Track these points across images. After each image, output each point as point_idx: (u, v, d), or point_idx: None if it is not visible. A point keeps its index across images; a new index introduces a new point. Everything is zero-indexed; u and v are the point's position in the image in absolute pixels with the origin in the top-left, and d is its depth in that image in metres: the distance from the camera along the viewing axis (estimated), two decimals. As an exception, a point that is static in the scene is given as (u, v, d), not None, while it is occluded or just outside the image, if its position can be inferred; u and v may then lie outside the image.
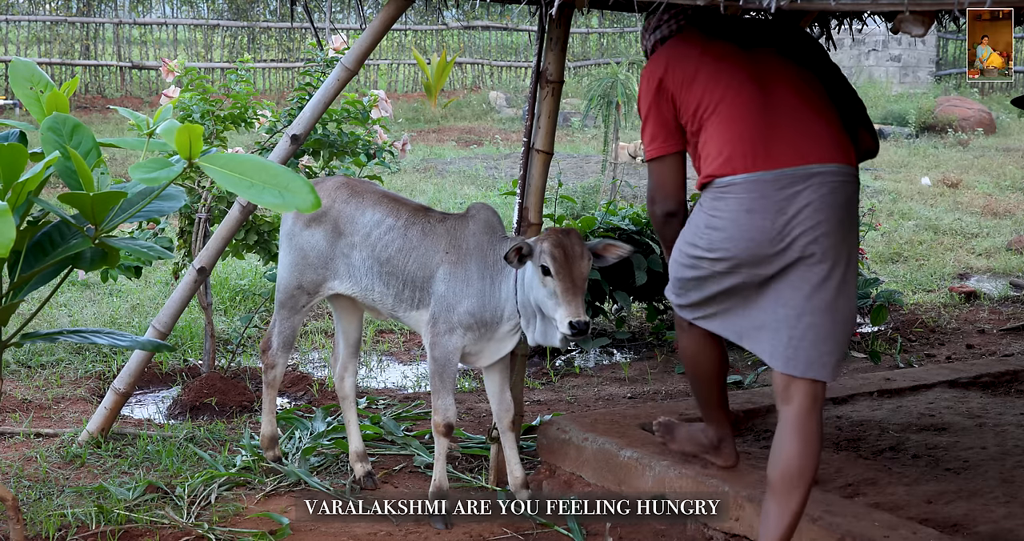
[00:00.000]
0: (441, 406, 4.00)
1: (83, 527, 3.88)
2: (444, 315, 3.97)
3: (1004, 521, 3.60)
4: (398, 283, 4.10)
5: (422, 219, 4.13)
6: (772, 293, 3.28)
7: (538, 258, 3.71)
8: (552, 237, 3.71)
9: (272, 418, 4.48)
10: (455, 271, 3.98)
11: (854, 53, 20.65)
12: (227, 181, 2.65)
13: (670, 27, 3.60)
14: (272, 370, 4.44)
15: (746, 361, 6.27)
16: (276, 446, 4.48)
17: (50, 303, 6.93)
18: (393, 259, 4.10)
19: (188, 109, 5.54)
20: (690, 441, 3.95)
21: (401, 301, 4.12)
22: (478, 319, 3.94)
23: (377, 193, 4.27)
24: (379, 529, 3.94)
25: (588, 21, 21.80)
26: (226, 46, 20.28)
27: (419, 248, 4.07)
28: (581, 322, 3.61)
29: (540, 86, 4.44)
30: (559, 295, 3.65)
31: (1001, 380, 5.29)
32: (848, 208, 3.29)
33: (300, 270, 4.29)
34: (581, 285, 3.68)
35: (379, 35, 4.58)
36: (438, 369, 3.99)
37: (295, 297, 4.33)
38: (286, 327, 4.39)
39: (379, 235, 4.14)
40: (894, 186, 12.34)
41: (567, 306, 3.64)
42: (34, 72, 2.96)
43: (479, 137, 16.35)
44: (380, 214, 4.17)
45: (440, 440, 4.02)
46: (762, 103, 3.32)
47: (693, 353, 3.67)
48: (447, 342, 3.97)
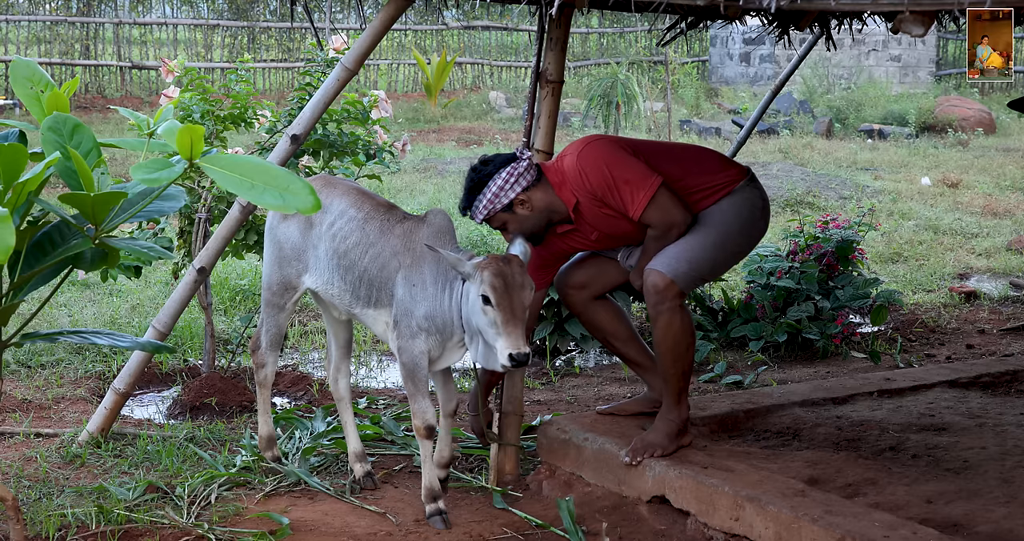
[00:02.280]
0: (419, 410, 3.96)
1: (83, 527, 3.88)
2: (405, 319, 3.93)
3: (1004, 521, 3.60)
4: (355, 279, 4.07)
5: (382, 215, 4.08)
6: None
7: (477, 287, 3.66)
8: (493, 266, 3.66)
9: (268, 418, 4.45)
10: (410, 275, 3.93)
11: (854, 53, 20.65)
12: (228, 182, 2.65)
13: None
14: (262, 369, 4.44)
15: (746, 361, 6.27)
16: (275, 446, 4.47)
17: (50, 303, 6.93)
18: (350, 253, 4.07)
19: (188, 109, 5.54)
20: (667, 438, 4.06)
21: (358, 298, 4.09)
22: (435, 325, 3.89)
23: (348, 186, 4.26)
24: (379, 529, 3.94)
25: (588, 21, 21.81)
26: (226, 46, 20.29)
27: (376, 245, 4.03)
28: (521, 354, 3.58)
29: (540, 86, 4.44)
30: (499, 325, 3.61)
31: (1001, 380, 5.28)
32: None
33: (279, 264, 4.29)
34: (522, 315, 3.64)
35: (379, 35, 4.58)
36: (408, 374, 3.96)
37: (277, 294, 4.32)
38: (272, 325, 4.38)
39: (340, 226, 4.11)
40: (894, 186, 12.34)
41: (507, 337, 3.59)
42: (35, 72, 2.96)
43: (479, 137, 16.35)
44: (344, 205, 4.14)
45: (423, 443, 4.00)
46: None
47: (690, 325, 4.06)
48: (412, 346, 3.92)
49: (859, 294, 6.50)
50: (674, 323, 4.03)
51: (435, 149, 15.11)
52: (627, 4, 3.81)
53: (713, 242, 4.07)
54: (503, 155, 4.15)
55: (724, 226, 4.10)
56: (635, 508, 4.02)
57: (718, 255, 4.11)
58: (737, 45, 21.56)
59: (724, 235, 4.10)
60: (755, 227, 4.21)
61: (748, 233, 4.20)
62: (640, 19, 19.22)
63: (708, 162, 4.22)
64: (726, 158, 4.31)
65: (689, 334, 4.07)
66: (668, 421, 4.09)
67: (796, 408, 4.80)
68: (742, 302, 6.59)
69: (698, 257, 4.05)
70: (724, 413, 4.64)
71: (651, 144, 4.29)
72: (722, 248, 4.11)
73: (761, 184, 4.30)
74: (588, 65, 21.53)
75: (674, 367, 4.07)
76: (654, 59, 21.67)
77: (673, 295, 4.01)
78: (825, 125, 16.67)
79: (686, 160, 4.19)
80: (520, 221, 4.13)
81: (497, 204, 4.08)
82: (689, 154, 4.27)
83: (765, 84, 20.15)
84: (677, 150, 4.35)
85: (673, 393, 4.10)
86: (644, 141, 4.35)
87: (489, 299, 3.62)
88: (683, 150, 4.36)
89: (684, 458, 3.99)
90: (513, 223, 4.14)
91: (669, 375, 4.09)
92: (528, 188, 4.09)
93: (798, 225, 7.02)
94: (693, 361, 4.15)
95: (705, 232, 4.09)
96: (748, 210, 4.16)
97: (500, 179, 4.07)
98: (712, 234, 4.08)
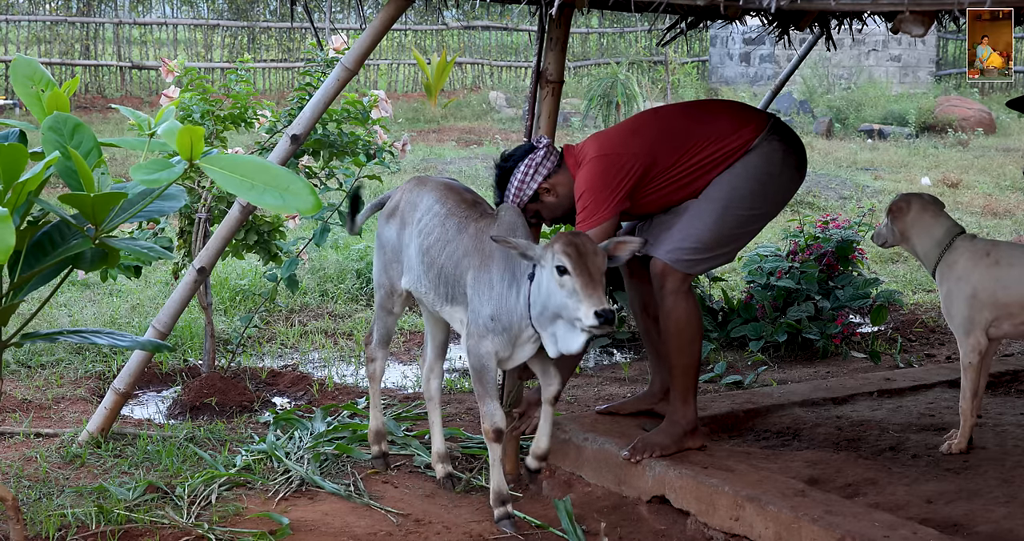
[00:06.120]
0: (487, 412, 3.93)
1: (83, 527, 3.88)
2: (474, 319, 3.93)
3: (1004, 521, 3.60)
4: (435, 275, 4.09)
5: (463, 212, 4.09)
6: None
7: (551, 261, 3.63)
8: (563, 239, 3.65)
9: (378, 412, 4.48)
10: (479, 276, 3.93)
11: (854, 53, 20.66)
12: (228, 182, 2.65)
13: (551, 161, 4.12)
14: (372, 363, 4.52)
15: (746, 361, 6.27)
16: (382, 441, 4.47)
17: (50, 303, 6.93)
18: (432, 249, 4.09)
19: (188, 109, 5.53)
20: (670, 439, 4.04)
21: (439, 295, 4.10)
22: (502, 324, 3.86)
23: (438, 182, 4.29)
24: (379, 529, 3.94)
25: (588, 21, 21.80)
26: (226, 46, 20.28)
27: (452, 242, 4.04)
28: (607, 310, 3.52)
29: (540, 86, 4.44)
30: (579, 290, 3.56)
31: (1001, 380, 5.29)
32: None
33: (383, 266, 4.37)
34: (599, 278, 3.61)
35: (379, 35, 4.58)
36: (476, 375, 3.95)
37: (385, 296, 4.39)
38: (381, 325, 4.48)
39: (426, 222, 4.14)
40: (894, 186, 12.34)
41: (589, 299, 3.54)
42: (35, 70, 2.95)
43: (479, 137, 16.34)
44: (431, 200, 4.18)
45: (492, 446, 3.96)
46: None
47: (696, 312, 4.02)
48: (479, 348, 3.91)
49: (859, 294, 6.50)
50: (678, 308, 4.01)
51: (435, 149, 15.10)
52: (627, 4, 3.81)
53: (715, 218, 4.02)
54: (522, 147, 4.19)
55: (724, 200, 4.02)
56: (635, 508, 4.02)
57: (722, 229, 4.03)
58: (737, 45, 21.56)
59: (724, 208, 4.02)
60: (776, 182, 4.09)
61: (764, 193, 4.08)
62: (640, 19, 19.21)
63: (721, 124, 4.09)
64: (743, 114, 4.17)
65: (694, 325, 4.02)
66: (673, 422, 4.07)
67: (796, 408, 4.80)
68: (742, 302, 6.59)
69: (697, 236, 4.02)
70: (724, 413, 4.65)
71: (662, 119, 4.18)
72: (722, 221, 4.02)
73: (787, 129, 4.16)
74: (588, 65, 21.52)
75: (678, 358, 4.04)
76: (654, 59, 21.67)
77: (674, 280, 4.00)
78: (825, 125, 16.67)
79: (695, 133, 4.07)
80: (551, 209, 4.18)
81: (523, 197, 4.12)
82: (701, 123, 4.13)
83: (765, 84, 20.14)
84: (689, 120, 4.19)
85: (679, 391, 4.07)
86: (655, 116, 4.23)
87: (565, 268, 3.58)
88: (696, 119, 4.19)
89: (684, 458, 3.99)
90: (545, 211, 4.19)
91: (674, 369, 4.07)
92: (550, 176, 4.12)
93: (798, 225, 7.03)
94: (700, 356, 4.10)
95: (704, 209, 4.04)
96: (764, 169, 4.04)
97: (520, 172, 4.11)
98: (710, 210, 4.03)
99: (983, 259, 4.20)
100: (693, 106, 4.45)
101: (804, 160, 4.21)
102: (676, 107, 4.35)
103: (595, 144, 4.13)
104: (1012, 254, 4.19)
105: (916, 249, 4.41)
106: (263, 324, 6.80)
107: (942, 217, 4.39)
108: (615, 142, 4.11)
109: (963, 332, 4.21)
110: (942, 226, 4.35)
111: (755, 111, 4.24)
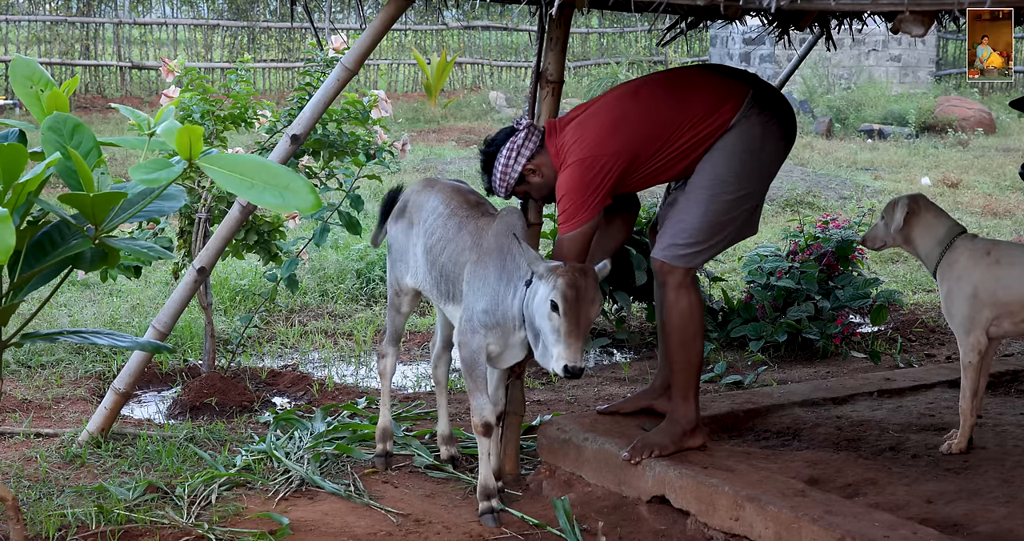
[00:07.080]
0: (476, 406, 3.99)
1: (83, 527, 3.88)
2: (467, 314, 3.98)
3: (1004, 521, 3.60)
4: (437, 274, 4.17)
5: (465, 212, 4.16)
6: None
7: (549, 292, 3.63)
8: (569, 276, 3.63)
9: (386, 410, 4.57)
10: (475, 270, 3.99)
11: (854, 53, 20.65)
12: (228, 182, 2.65)
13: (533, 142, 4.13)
14: (383, 359, 4.62)
15: (746, 361, 6.27)
16: (388, 439, 4.54)
17: (50, 303, 6.93)
18: (434, 248, 4.17)
19: (188, 109, 5.53)
20: (670, 439, 4.03)
21: (440, 293, 4.19)
22: (495, 318, 3.91)
23: (445, 184, 4.37)
24: (379, 529, 3.94)
25: (588, 21, 21.80)
26: (226, 46, 20.27)
27: (453, 241, 4.11)
28: (576, 368, 3.57)
29: (540, 86, 4.44)
30: (561, 335, 3.60)
31: (1001, 380, 5.28)
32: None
33: (392, 266, 4.47)
34: (585, 329, 3.64)
35: (379, 35, 4.58)
36: (466, 369, 4.01)
37: (395, 295, 4.51)
38: (390, 323, 4.59)
39: (430, 222, 4.22)
40: (894, 186, 12.33)
41: (566, 349, 3.58)
42: (35, 70, 2.96)
43: (479, 137, 16.32)
44: (436, 201, 4.26)
45: (480, 440, 4.01)
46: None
47: (699, 308, 4.03)
48: (471, 341, 3.96)
49: (859, 294, 6.50)
50: (680, 304, 4.02)
51: (435, 149, 15.10)
52: (627, 4, 3.80)
53: (703, 209, 3.99)
54: (504, 130, 4.22)
55: (709, 188, 3.99)
56: (635, 508, 4.02)
57: (712, 218, 4.00)
58: (737, 45, 21.56)
59: (711, 197, 3.98)
60: (758, 159, 4.02)
61: (748, 172, 4.01)
62: (640, 19, 19.21)
63: (700, 104, 4.00)
64: (721, 88, 4.07)
65: (696, 319, 4.03)
66: (673, 421, 4.07)
67: (796, 408, 4.80)
68: (742, 302, 6.59)
69: (689, 229, 4.01)
70: (724, 413, 4.65)
71: (642, 102, 4.06)
72: (711, 210, 3.98)
73: (770, 94, 4.06)
74: (588, 65, 21.52)
75: (680, 354, 4.05)
76: (654, 59, 21.67)
77: (675, 276, 4.02)
78: (825, 125, 16.67)
79: (675, 118, 3.99)
80: (538, 188, 4.19)
81: (509, 180, 4.15)
82: (681, 103, 4.03)
83: (765, 84, 20.10)
84: (670, 102, 4.07)
85: (680, 388, 4.07)
86: (635, 100, 4.09)
87: (558, 307, 3.60)
88: (676, 99, 4.06)
89: (684, 458, 3.99)
90: (533, 191, 4.21)
91: (676, 365, 4.07)
92: (533, 156, 4.13)
93: (798, 225, 7.03)
94: (702, 353, 4.10)
95: (692, 200, 4.02)
96: (743, 148, 3.98)
97: (503, 156, 4.14)
98: (697, 201, 4.00)
99: (984, 258, 4.20)
100: (674, 80, 4.27)
101: (790, 126, 4.12)
102: (657, 84, 4.19)
103: (577, 142, 4.03)
104: (1012, 253, 4.19)
105: (918, 249, 4.41)
106: (263, 324, 6.80)
107: (943, 217, 4.40)
108: (596, 141, 4.01)
109: (963, 331, 4.21)
110: (944, 226, 4.36)
111: (734, 84, 4.08)
